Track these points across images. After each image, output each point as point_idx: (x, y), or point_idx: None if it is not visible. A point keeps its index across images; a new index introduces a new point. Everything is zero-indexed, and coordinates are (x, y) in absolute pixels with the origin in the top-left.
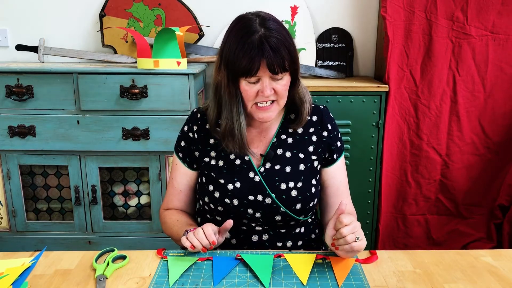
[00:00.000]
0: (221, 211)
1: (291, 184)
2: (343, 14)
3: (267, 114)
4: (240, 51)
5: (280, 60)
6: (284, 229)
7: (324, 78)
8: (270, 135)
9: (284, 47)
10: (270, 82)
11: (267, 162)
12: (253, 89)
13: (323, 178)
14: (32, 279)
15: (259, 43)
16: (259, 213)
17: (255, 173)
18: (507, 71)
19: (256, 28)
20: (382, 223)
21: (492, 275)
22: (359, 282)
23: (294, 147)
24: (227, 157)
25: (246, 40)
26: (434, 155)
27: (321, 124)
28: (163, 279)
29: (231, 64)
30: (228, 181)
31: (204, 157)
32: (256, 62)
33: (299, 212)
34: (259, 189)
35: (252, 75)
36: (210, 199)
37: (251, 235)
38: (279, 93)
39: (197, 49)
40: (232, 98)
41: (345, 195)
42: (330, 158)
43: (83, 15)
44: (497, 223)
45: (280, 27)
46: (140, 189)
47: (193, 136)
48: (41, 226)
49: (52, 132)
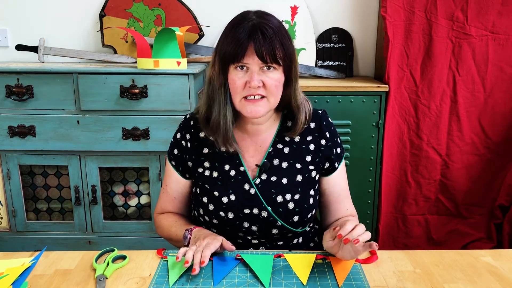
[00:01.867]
0: (216, 224)
1: (288, 197)
2: (343, 14)
3: (256, 108)
4: (231, 37)
5: (269, 48)
6: (282, 241)
7: (324, 78)
8: (266, 145)
9: (277, 38)
10: (260, 73)
11: (263, 173)
12: (241, 80)
13: (323, 186)
14: (32, 279)
15: (250, 28)
16: (255, 227)
17: (250, 185)
18: (507, 71)
19: (251, 17)
20: (382, 223)
21: (492, 275)
22: (359, 282)
23: (291, 157)
24: (221, 168)
25: (238, 26)
26: (434, 155)
27: (320, 132)
28: (163, 279)
29: (221, 51)
30: (223, 194)
31: (197, 168)
32: (244, 46)
33: (296, 225)
34: (255, 202)
35: (239, 59)
36: (204, 211)
37: (247, 248)
38: (269, 87)
39: (197, 49)
40: (221, 88)
41: (346, 200)
42: (331, 168)
43: (83, 15)
44: (497, 223)
45: (277, 22)
46: (140, 189)
47: (186, 144)
48: (41, 226)
49: (52, 132)
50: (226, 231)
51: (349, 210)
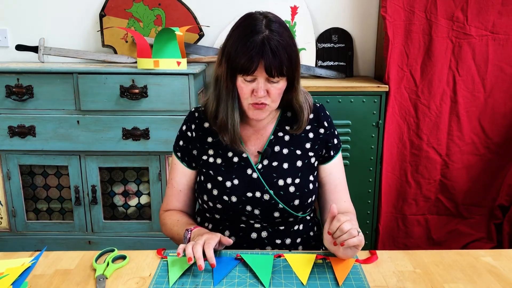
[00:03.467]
0: (219, 209)
1: (289, 180)
2: (343, 14)
3: (259, 113)
4: (242, 49)
5: (278, 64)
6: (283, 226)
7: (324, 78)
8: (267, 133)
9: (285, 52)
10: (265, 83)
11: (264, 159)
12: (248, 87)
13: (321, 175)
14: (32, 279)
15: (261, 44)
16: (258, 210)
17: (252, 170)
18: (507, 71)
19: (261, 29)
20: (382, 223)
21: (492, 275)
22: (359, 282)
23: (291, 144)
24: (225, 155)
25: (249, 39)
26: (434, 155)
27: (318, 122)
28: (163, 279)
29: (231, 60)
30: (226, 178)
31: (202, 155)
32: (255, 62)
33: (297, 208)
34: (257, 186)
35: (249, 74)
36: (208, 197)
37: (250, 232)
38: (272, 96)
39: (197, 49)
40: (229, 93)
41: (344, 192)
42: (327, 155)
43: (83, 15)
44: (497, 223)
45: (285, 31)
46: (140, 189)
47: (191, 134)
48: (41, 226)
49: (52, 132)
50: (229, 215)
51: (346, 202)
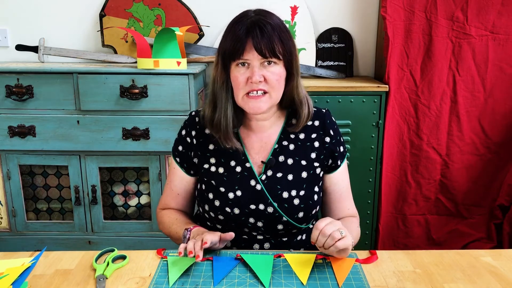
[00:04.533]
0: (221, 220)
1: (294, 193)
2: (343, 14)
3: (258, 104)
4: (230, 35)
5: (268, 43)
6: (286, 237)
7: (324, 78)
8: (272, 141)
9: (275, 33)
10: (261, 68)
11: (268, 170)
12: (243, 75)
13: (326, 184)
14: (32, 279)
15: (249, 25)
16: (261, 222)
17: (256, 181)
18: (507, 71)
19: (250, 15)
20: (382, 223)
21: (492, 275)
22: (359, 282)
23: (296, 153)
24: (227, 164)
25: (237, 24)
26: (434, 155)
27: (324, 129)
28: (163, 279)
29: (222, 49)
30: (229, 190)
31: (203, 164)
32: (243, 42)
33: (301, 221)
34: (261, 198)
35: (239, 56)
36: (210, 207)
37: (252, 244)
38: (270, 82)
39: (197, 49)
40: (223, 85)
41: (348, 200)
42: (334, 165)
43: (83, 15)
44: (497, 223)
45: (277, 19)
46: (140, 189)
47: (191, 141)
48: (41, 226)
49: (52, 132)
50: (231, 227)
51: (350, 209)
